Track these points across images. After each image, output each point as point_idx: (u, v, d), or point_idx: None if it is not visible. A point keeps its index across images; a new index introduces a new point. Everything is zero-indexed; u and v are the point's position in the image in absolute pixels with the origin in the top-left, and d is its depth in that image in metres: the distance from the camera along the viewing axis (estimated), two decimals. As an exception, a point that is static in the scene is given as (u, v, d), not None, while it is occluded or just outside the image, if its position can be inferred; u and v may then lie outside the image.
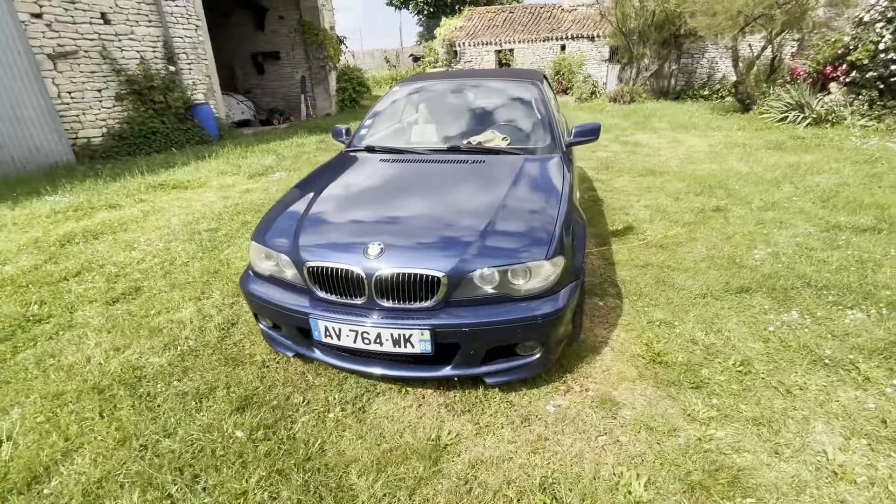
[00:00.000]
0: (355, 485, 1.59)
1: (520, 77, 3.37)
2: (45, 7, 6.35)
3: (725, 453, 1.70)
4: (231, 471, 1.65)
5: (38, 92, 6.36)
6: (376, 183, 2.53)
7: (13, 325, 2.67)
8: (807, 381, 2.05)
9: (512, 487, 1.57)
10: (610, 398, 2.00)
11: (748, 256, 3.30)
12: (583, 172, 5.90)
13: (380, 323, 1.81)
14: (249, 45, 12.96)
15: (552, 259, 1.88)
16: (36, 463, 1.71)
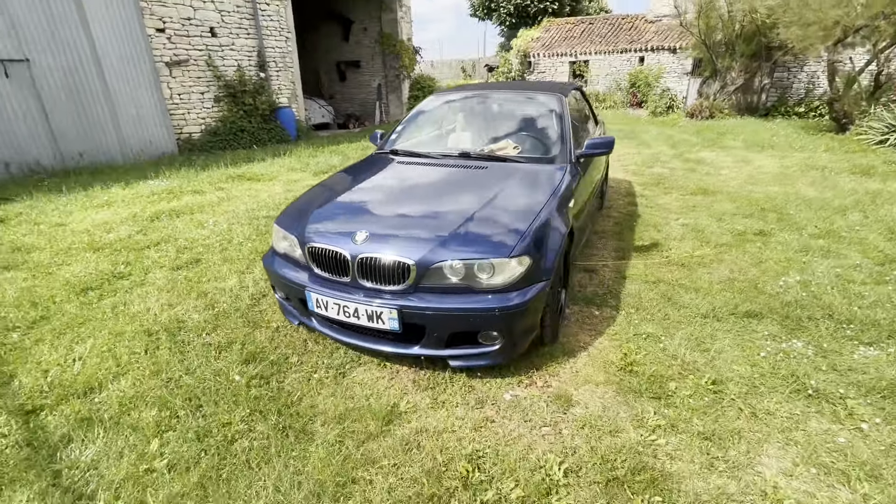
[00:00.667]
0: (316, 431, 1.88)
1: (545, 90, 3.51)
2: (168, 23, 7.56)
3: (658, 458, 1.75)
4: (225, 405, 2.02)
5: (156, 94, 7.58)
6: (384, 182, 2.83)
7: (103, 279, 3.34)
8: (779, 408, 2.00)
9: (444, 454, 1.77)
10: (567, 396, 2.10)
11: (773, 283, 3.14)
12: (629, 187, 5.80)
13: (359, 300, 2.09)
14: (335, 54, 14.12)
15: (517, 258, 2.04)
16: (93, 379, 2.21)
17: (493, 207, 2.34)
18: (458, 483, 1.63)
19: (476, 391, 2.14)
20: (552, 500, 1.56)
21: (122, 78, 7.11)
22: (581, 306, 2.94)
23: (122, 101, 7.17)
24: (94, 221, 4.59)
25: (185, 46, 7.87)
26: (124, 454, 1.76)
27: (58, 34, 6.38)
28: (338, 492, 1.60)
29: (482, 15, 29.14)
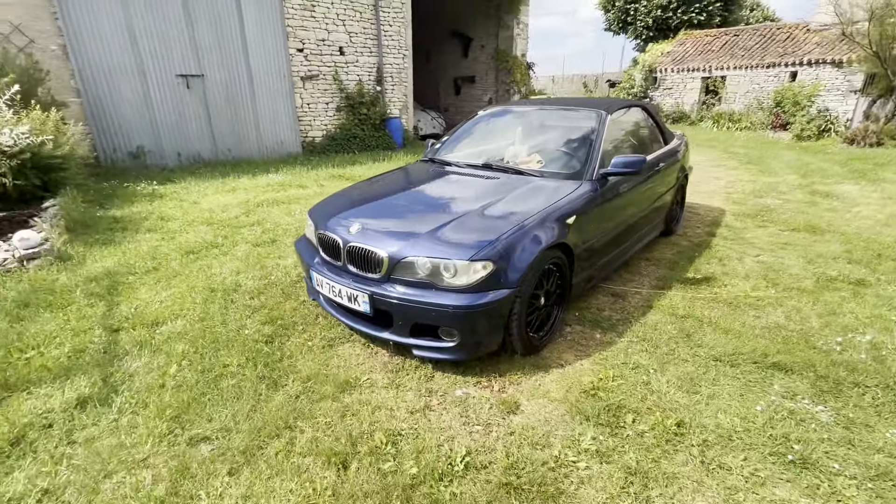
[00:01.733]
0: (285, 385, 2.24)
1: (589, 107, 3.45)
2: (306, 44, 8.97)
3: (568, 479, 1.71)
4: (232, 352, 2.50)
5: (290, 103, 9.02)
6: (405, 184, 3.13)
7: (203, 246, 4.23)
8: (743, 466, 1.77)
9: (371, 425, 1.97)
10: (516, 404, 2.14)
11: (831, 338, 2.65)
12: (718, 217, 5.22)
13: (344, 282, 2.41)
14: (454, 70, 14.99)
15: (480, 262, 2.15)
16: (160, 316, 2.89)
17: (479, 215, 2.47)
18: (368, 449, 1.83)
19: (433, 382, 2.29)
20: (440, 485, 1.66)
21: (266, 90, 8.64)
22: (585, 327, 2.85)
23: (264, 109, 8.71)
24: (217, 203, 5.74)
25: (317, 63, 9.23)
26: (152, 371, 2.32)
27: (225, 55, 8.06)
28: (274, 432, 1.92)
29: (617, 29, 27.93)
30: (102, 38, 6.96)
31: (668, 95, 14.96)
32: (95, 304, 3.03)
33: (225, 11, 7.88)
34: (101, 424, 1.94)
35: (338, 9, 9.19)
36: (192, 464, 1.74)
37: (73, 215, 4.72)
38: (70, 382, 2.20)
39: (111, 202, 5.55)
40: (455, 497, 1.61)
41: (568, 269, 2.69)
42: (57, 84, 6.77)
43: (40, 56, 6.62)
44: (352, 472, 1.72)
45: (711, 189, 6.68)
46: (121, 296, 3.19)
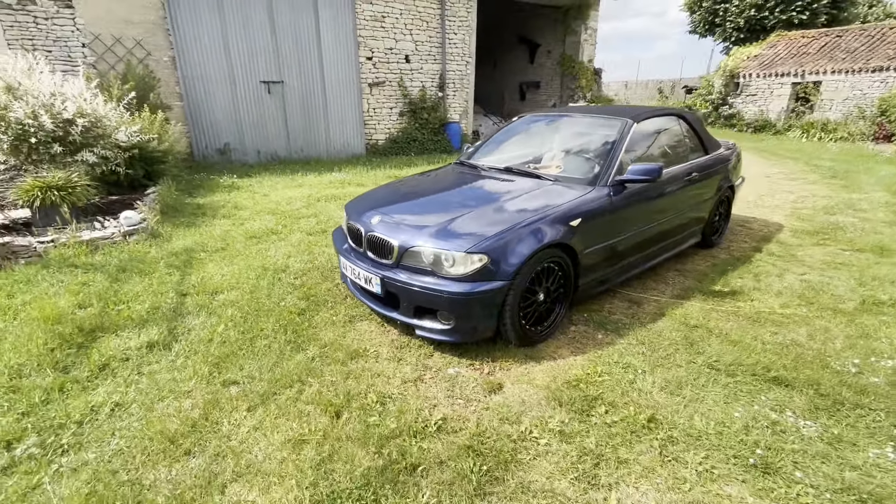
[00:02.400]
0: (307, 348, 2.62)
1: (615, 115, 3.52)
2: (375, 52, 9.63)
3: (527, 450, 1.90)
4: (270, 320, 2.94)
5: (357, 108, 9.74)
6: (429, 183, 3.42)
7: (265, 232, 4.83)
8: (700, 463, 1.84)
9: (368, 387, 2.28)
10: (500, 385, 2.34)
11: (850, 360, 2.54)
12: (771, 232, 4.95)
13: (363, 266, 2.75)
14: (520, 75, 15.10)
15: (475, 255, 2.39)
16: (220, 287, 3.44)
17: (485, 213, 2.70)
18: (360, 405, 2.14)
19: (431, 360, 2.56)
20: (412, 440, 1.93)
21: (337, 95, 9.41)
22: (590, 327, 2.96)
23: (334, 113, 9.49)
24: (284, 196, 6.44)
25: (384, 71, 9.86)
26: (204, 328, 2.82)
27: (302, 63, 8.92)
28: (288, 383, 2.29)
29: (703, 31, 26.20)
30: (203, 49, 8.05)
31: (752, 103, 13.89)
32: (173, 274, 3.67)
33: (305, 25, 8.74)
34: (162, 363, 2.45)
35: (406, 19, 9.75)
36: (221, 399, 2.16)
37: (167, 201, 5.59)
38: (145, 330, 2.75)
39: (198, 191, 6.45)
40: (422, 451, 1.87)
41: (572, 269, 2.82)
42: (165, 90, 7.95)
43: (154, 66, 7.82)
44: (342, 420, 2.04)
45: (777, 203, 6.26)
46: (193, 268, 3.81)
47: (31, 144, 4.57)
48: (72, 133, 4.76)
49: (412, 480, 1.72)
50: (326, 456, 1.82)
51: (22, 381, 2.22)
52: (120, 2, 7.40)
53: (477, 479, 1.73)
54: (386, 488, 1.68)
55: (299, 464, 1.78)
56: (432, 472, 1.76)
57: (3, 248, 3.98)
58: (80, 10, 7.22)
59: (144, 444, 1.87)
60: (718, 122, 14.34)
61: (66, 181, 4.48)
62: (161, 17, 7.70)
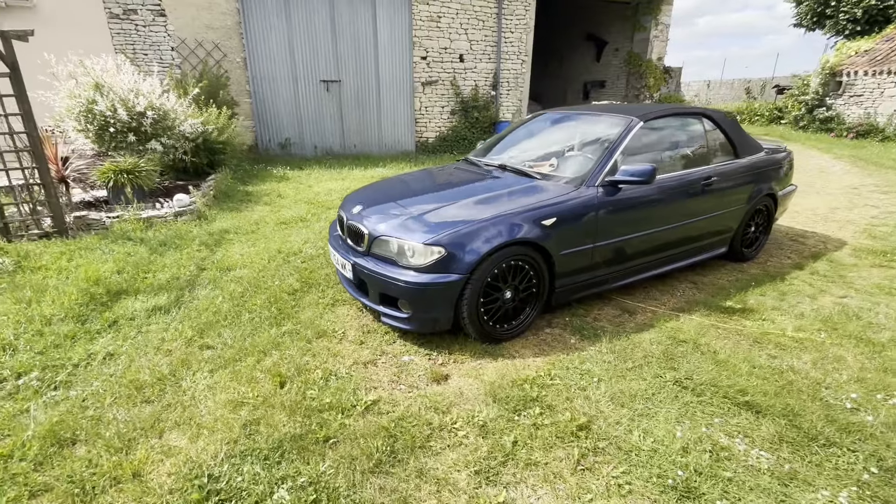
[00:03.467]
0: (283, 325, 2.83)
1: (622, 113, 3.34)
2: (429, 52, 9.85)
3: (441, 438, 1.92)
4: (262, 296, 3.20)
5: (409, 107, 10.03)
6: (422, 178, 3.50)
7: (295, 219, 5.20)
8: (614, 476, 1.75)
9: (321, 363, 2.42)
10: (446, 377, 2.37)
11: (847, 394, 2.22)
12: (827, 248, 4.39)
13: (342, 252, 2.91)
14: (584, 74, 14.57)
15: (432, 247, 2.43)
16: (234, 265, 3.80)
17: (458, 207, 2.73)
18: (305, 379, 2.28)
19: (391, 346, 2.65)
20: (338, 415, 2.03)
21: (390, 94, 9.77)
22: (565, 331, 2.87)
23: (386, 111, 9.87)
24: (325, 188, 6.86)
25: (437, 70, 10.05)
26: (206, 299, 3.15)
27: (359, 63, 9.38)
28: (253, 353, 2.50)
29: (810, 24, 23.35)
30: (270, 51, 8.78)
31: (856, 104, 12.17)
32: (202, 250, 4.11)
33: (363, 26, 9.18)
34: (159, 324, 2.79)
35: (462, 19, 9.86)
36: (192, 359, 2.43)
37: (220, 188, 6.21)
38: (158, 296, 3.14)
39: (252, 180, 7.08)
40: (342, 426, 1.97)
41: (546, 270, 2.76)
42: (237, 88, 8.79)
43: (229, 66, 8.68)
44: (285, 390, 2.20)
45: (852, 218, 5.50)
46: (220, 247, 4.24)
47: (111, 133, 5.34)
48: (143, 124, 5.49)
49: (319, 450, 1.83)
50: (256, 418, 1.99)
51: (48, 328, 2.66)
52: (203, 10, 8.30)
53: (379, 458, 1.79)
54: (293, 453, 1.80)
55: (231, 422, 1.97)
56: (342, 446, 1.86)
57: (80, 220, 4.71)
58: (171, 18, 8.21)
59: (116, 389, 2.17)
60: (812, 127, 12.74)
61: (134, 166, 5.16)
62: (236, 23, 8.52)
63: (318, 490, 1.64)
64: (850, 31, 21.72)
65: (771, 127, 14.23)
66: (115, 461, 1.74)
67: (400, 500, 1.63)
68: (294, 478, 1.68)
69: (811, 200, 6.37)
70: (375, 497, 1.63)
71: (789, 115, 13.53)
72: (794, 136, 12.30)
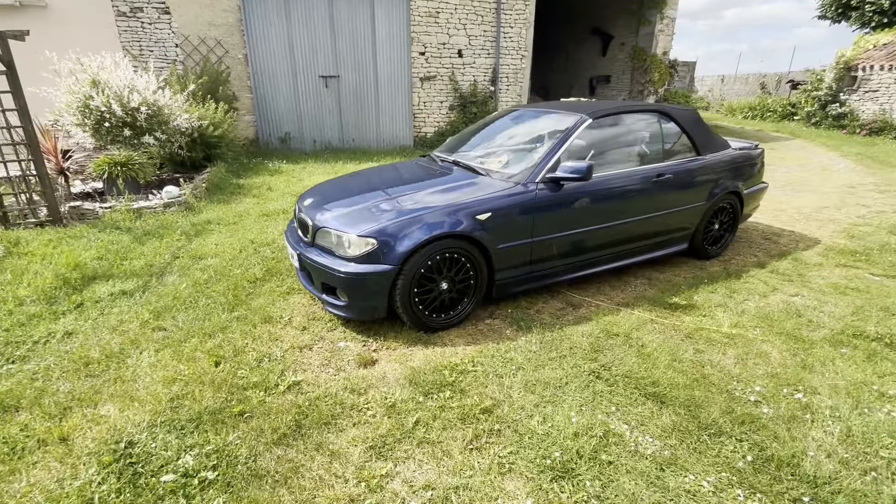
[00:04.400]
0: (235, 311, 3.01)
1: (572, 111, 3.39)
2: (427, 48, 9.93)
3: (350, 416, 2.06)
4: (225, 283, 3.39)
5: (407, 102, 10.15)
6: (381, 173, 3.64)
7: (278, 212, 5.39)
8: (500, 454, 1.86)
9: (259, 346, 2.59)
10: (373, 361, 2.51)
11: (751, 389, 2.28)
12: (795, 247, 4.34)
13: (292, 243, 3.06)
14: (590, 69, 14.43)
15: (365, 238, 2.56)
16: (207, 254, 3.99)
17: (398, 201, 2.85)
18: (240, 360, 2.45)
19: (331, 333, 2.80)
20: (260, 393, 2.19)
21: (388, 89, 9.90)
22: (505, 322, 2.97)
23: (384, 106, 10.00)
24: (316, 182, 7.03)
25: (436, 66, 10.12)
26: (171, 285, 3.35)
27: (357, 59, 9.53)
28: (199, 335, 2.68)
29: (834, 16, 22.52)
30: (270, 47, 8.99)
31: (871, 100, 11.77)
32: (181, 240, 4.33)
33: (361, 21, 9.31)
34: (121, 308, 3.00)
35: (460, 14, 9.90)
36: (142, 340, 2.62)
37: (213, 180, 6.46)
38: (127, 281, 3.36)
39: (246, 173, 7.32)
40: (261, 402, 2.12)
41: (484, 263, 2.85)
42: (238, 83, 9.05)
43: (231, 62, 8.93)
44: (218, 369, 2.37)
45: (837, 217, 5.42)
46: (200, 237, 4.45)
47: (107, 127, 5.62)
48: (138, 119, 5.75)
49: (232, 423, 1.99)
50: (184, 393, 2.16)
51: (19, 308, 2.90)
52: (206, 7, 8.55)
53: (284, 432, 1.94)
54: (208, 425, 1.96)
55: (161, 396, 2.14)
56: (254, 420, 2.01)
57: (74, 210, 5.00)
58: (175, 16, 8.49)
59: (66, 364, 2.37)
60: (824, 123, 12.38)
61: (128, 159, 5.42)
62: (238, 20, 8.75)
63: (221, 457, 1.79)
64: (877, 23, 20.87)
65: (783, 123, 13.86)
66: (48, 427, 1.93)
67: (292, 468, 1.77)
68: (202, 446, 1.85)
69: (801, 199, 6.27)
70: (271, 465, 1.78)
71: (802, 111, 13.16)
72: (804, 133, 11.98)
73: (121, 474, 1.70)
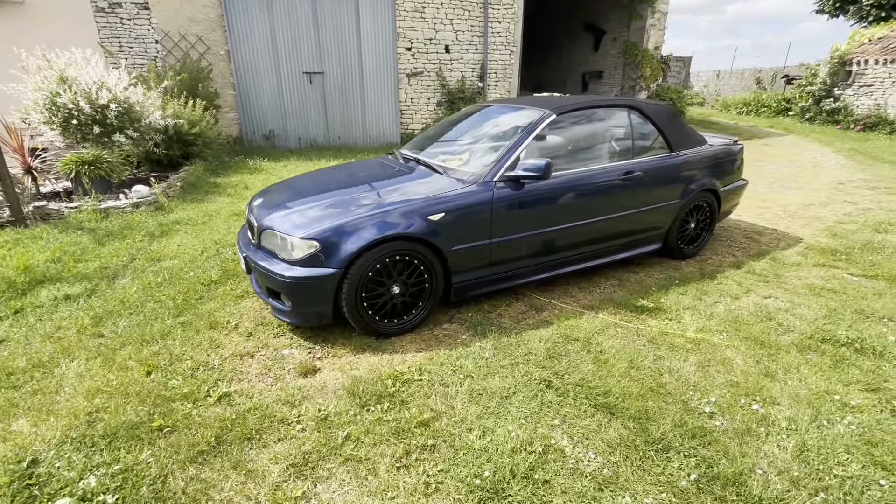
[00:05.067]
0: (183, 316, 2.89)
1: (535, 106, 3.26)
2: (414, 43, 9.77)
3: (276, 431, 1.94)
4: (177, 286, 3.27)
5: (394, 98, 10.00)
6: (337, 172, 3.53)
7: (249, 211, 5.27)
8: (430, 473, 1.74)
9: (196, 355, 2.47)
10: (315, 370, 2.39)
11: (706, 399, 2.15)
12: (775, 246, 4.21)
13: (241, 246, 2.94)
14: (582, 64, 14.25)
15: (309, 240, 2.44)
16: (166, 255, 3.87)
17: (347, 201, 2.72)
18: (173, 368, 2.33)
19: (277, 339, 2.68)
20: (187, 405, 2.07)
21: (374, 86, 9.75)
22: (463, 327, 2.85)
23: (370, 103, 9.86)
24: (294, 179, 6.92)
25: (423, 61, 9.97)
26: (121, 289, 3.23)
27: (342, 55, 9.38)
28: (137, 343, 2.56)
29: (832, 10, 22.28)
30: (252, 43, 8.84)
31: (865, 95, 11.60)
32: (144, 241, 4.21)
33: (345, 17, 9.16)
34: (63, 312, 2.88)
35: (447, 9, 9.74)
36: (76, 349, 2.51)
37: (190, 179, 6.34)
38: (75, 285, 3.24)
39: (224, 172, 7.19)
40: (186, 416, 2.01)
41: (439, 265, 2.73)
42: (220, 80, 8.90)
43: (213, 59, 8.78)
44: (148, 379, 2.25)
45: (823, 214, 5.29)
46: (164, 237, 4.33)
47: (75, 125, 5.49)
48: (108, 116, 5.62)
49: (149, 438, 1.87)
50: (105, 406, 2.05)
51: (-45, 314, 2.78)
52: (186, 2, 8.40)
53: (202, 448, 1.82)
54: (122, 441, 1.85)
55: (80, 409, 2.03)
56: (173, 435, 1.89)
57: (39, 210, 4.87)
58: (154, 11, 8.34)
59: (-11, 374, 2.26)
60: (819, 118, 12.21)
61: (97, 157, 5.30)
62: (219, 15, 8.60)
63: (128, 478, 1.68)
64: (875, 17, 20.62)
65: (777, 119, 13.70)
66: (-49, 443, 1.82)
67: (202, 489, 1.65)
68: (110, 465, 1.73)
69: (788, 196, 6.14)
70: (179, 486, 1.66)
71: (796, 107, 12.99)
72: (798, 129, 11.82)
73: (14, 497, 1.59)
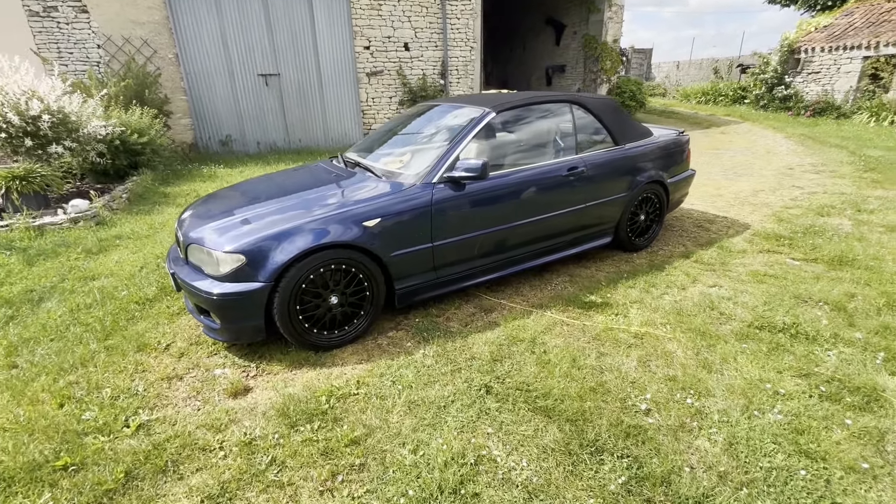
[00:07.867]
0: (110, 339, 2.72)
1: (475, 104, 3.21)
2: (372, 42, 9.61)
3: (196, 459, 1.83)
4: (107, 307, 3.09)
5: (355, 98, 9.82)
6: (273, 180, 3.41)
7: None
8: (355, 498, 1.66)
9: (118, 381, 2.32)
10: (247, 389, 2.28)
11: (648, 395, 2.14)
12: (723, 234, 4.28)
13: (169, 261, 2.79)
14: (546, 59, 14.33)
15: (235, 254, 2.32)
16: (101, 273, 3.67)
17: (277, 211, 2.60)
18: (92, 397, 2.18)
19: (210, 358, 2.55)
20: (100, 437, 1.94)
21: (333, 86, 9.55)
22: (408, 334, 2.78)
23: (331, 103, 9.65)
24: (250, 186, 6.70)
25: (382, 60, 9.82)
26: (46, 312, 3.03)
27: (298, 56, 9.14)
28: (56, 370, 2.40)
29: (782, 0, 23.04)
30: (202, 45, 8.53)
31: (814, 81, 12.03)
32: (79, 258, 3.97)
33: (299, 17, 8.93)
34: (-24, 343, 2.68)
35: (404, 6, 9.60)
36: (-14, 381, 2.33)
37: (137, 190, 6.06)
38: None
39: (176, 181, 6.91)
40: (97, 451, 1.87)
41: (380, 272, 2.65)
42: (171, 85, 8.56)
43: (161, 63, 8.43)
44: (61, 412, 2.10)
45: (771, 200, 5.42)
46: (102, 254, 4.10)
47: (4, 139, 5.16)
48: (41, 128, 5.30)
49: (51, 479, 1.73)
50: (4, 447, 1.89)
51: None
52: (128, 5, 8.03)
53: (111, 486, 1.70)
54: (20, 485, 1.71)
55: (-21, 450, 1.87)
56: (79, 474, 1.76)
57: (-35, 231, 4.56)
58: (94, 15, 7.94)
59: None
60: (772, 105, 12.61)
61: (29, 172, 4.99)
62: (165, 17, 8.25)
63: (21, 525, 1.55)
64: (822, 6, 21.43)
65: (734, 107, 14.09)
66: None
67: (104, 533, 1.54)
68: (3, 513, 1.59)
69: (741, 183, 6.28)
70: (79, 531, 1.54)
71: (751, 95, 13.38)
72: (753, 116, 12.18)
73: None
